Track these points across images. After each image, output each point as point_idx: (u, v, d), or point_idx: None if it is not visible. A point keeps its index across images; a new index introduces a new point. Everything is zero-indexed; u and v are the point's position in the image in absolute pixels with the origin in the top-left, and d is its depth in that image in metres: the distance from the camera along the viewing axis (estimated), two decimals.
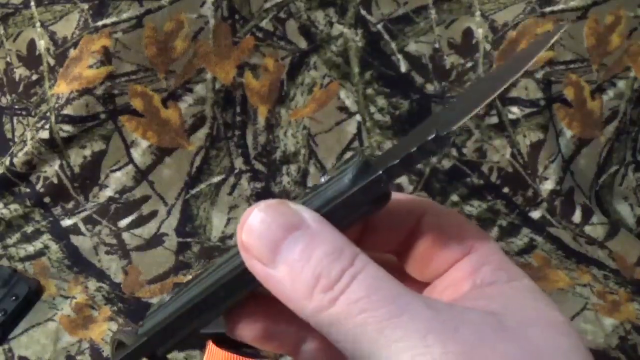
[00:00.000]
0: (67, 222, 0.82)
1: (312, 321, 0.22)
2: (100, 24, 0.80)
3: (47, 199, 0.83)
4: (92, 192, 0.84)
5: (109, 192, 0.83)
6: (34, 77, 0.84)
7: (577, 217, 0.87)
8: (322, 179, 0.24)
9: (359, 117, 0.88)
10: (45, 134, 0.81)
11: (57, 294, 0.74)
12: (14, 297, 0.70)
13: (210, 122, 0.85)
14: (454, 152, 0.89)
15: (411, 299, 0.21)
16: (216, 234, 0.84)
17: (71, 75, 0.80)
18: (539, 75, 0.87)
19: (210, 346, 0.58)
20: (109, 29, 0.80)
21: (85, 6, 0.80)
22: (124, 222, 0.83)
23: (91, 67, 0.80)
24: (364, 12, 0.86)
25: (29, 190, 0.83)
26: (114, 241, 0.81)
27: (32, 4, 0.81)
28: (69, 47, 0.81)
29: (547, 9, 0.85)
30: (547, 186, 0.88)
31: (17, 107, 0.86)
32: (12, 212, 0.82)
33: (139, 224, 0.83)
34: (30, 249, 0.80)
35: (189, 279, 0.26)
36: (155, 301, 0.51)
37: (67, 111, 0.80)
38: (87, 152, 0.82)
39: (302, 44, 0.86)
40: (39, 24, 0.82)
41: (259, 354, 0.54)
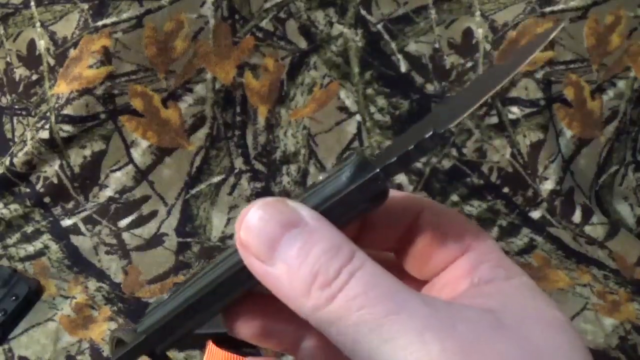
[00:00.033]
0: (67, 222, 0.82)
1: (311, 318, 0.22)
2: (100, 24, 0.80)
3: (47, 199, 0.83)
4: (92, 192, 0.84)
5: (109, 192, 0.83)
6: (34, 77, 0.84)
7: (577, 217, 0.87)
8: (320, 177, 0.24)
9: (359, 117, 0.88)
10: (45, 134, 0.81)
11: (57, 294, 0.74)
12: (14, 297, 0.70)
13: (210, 122, 0.85)
14: (454, 152, 0.89)
15: (409, 296, 0.21)
16: (216, 234, 0.84)
17: (71, 75, 0.80)
18: (539, 75, 0.87)
19: (210, 346, 0.58)
20: (109, 29, 0.80)
21: (85, 6, 0.80)
22: (124, 222, 0.83)
23: (91, 67, 0.80)
24: (364, 12, 0.86)
25: (29, 190, 0.83)
26: (114, 241, 0.81)
27: (32, 4, 0.81)
28: (69, 47, 0.81)
29: (547, 9, 0.85)
30: (547, 186, 0.88)
31: (17, 107, 0.86)
32: (12, 212, 0.82)
33: (139, 224, 0.83)
34: (30, 249, 0.80)
35: (188, 277, 0.26)
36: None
37: (67, 111, 0.80)
38: (87, 152, 0.82)
39: (302, 44, 0.86)
40: (39, 24, 0.82)
41: (259, 353, 0.54)
